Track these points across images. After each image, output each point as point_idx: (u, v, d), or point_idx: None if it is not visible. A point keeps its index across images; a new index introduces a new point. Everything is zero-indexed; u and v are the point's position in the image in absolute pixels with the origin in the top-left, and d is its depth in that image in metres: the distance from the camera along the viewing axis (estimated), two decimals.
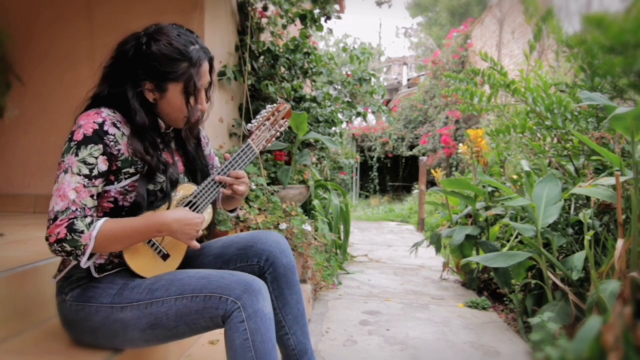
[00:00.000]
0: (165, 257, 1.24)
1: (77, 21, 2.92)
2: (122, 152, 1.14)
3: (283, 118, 1.35)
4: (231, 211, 1.50)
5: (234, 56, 3.18)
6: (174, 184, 1.23)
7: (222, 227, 2.20)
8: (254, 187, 2.55)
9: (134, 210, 1.16)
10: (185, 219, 1.15)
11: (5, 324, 1.29)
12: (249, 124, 1.33)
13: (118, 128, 1.14)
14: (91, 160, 1.09)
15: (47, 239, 1.06)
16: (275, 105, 1.36)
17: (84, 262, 1.08)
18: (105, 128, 1.11)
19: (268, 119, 1.34)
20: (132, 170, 1.16)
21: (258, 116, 1.34)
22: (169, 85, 1.18)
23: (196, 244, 1.20)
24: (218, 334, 1.71)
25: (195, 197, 1.24)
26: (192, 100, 1.20)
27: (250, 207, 2.43)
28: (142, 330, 1.13)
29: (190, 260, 1.36)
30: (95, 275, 1.17)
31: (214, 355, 1.64)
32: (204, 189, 1.25)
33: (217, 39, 2.91)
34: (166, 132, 1.29)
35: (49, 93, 2.99)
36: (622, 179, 1.64)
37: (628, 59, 1.17)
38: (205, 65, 1.22)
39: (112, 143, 1.12)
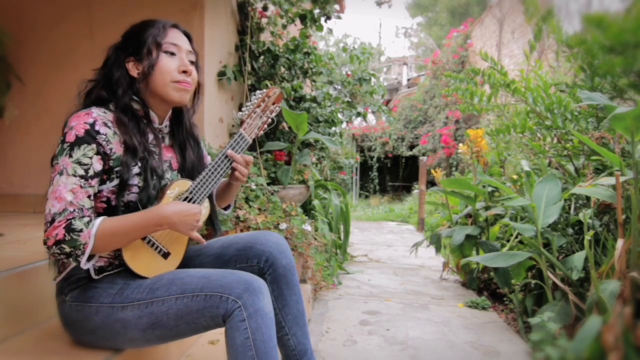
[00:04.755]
0: (166, 255, 1.24)
1: (77, 21, 2.92)
2: (114, 150, 1.14)
3: (274, 103, 1.33)
4: (225, 209, 1.50)
5: (234, 56, 3.18)
6: (153, 172, 1.21)
7: (222, 227, 2.20)
8: (254, 187, 2.55)
9: (121, 184, 1.16)
10: (184, 210, 1.15)
11: (5, 324, 1.29)
12: (239, 113, 1.31)
13: (109, 127, 1.14)
14: (86, 160, 1.09)
15: (45, 243, 1.05)
16: (264, 91, 1.34)
17: (84, 263, 1.08)
18: (97, 128, 1.11)
19: (259, 105, 1.32)
20: None
21: (248, 104, 1.32)
22: (144, 51, 1.20)
23: (198, 235, 1.19)
24: (218, 334, 1.71)
25: (190, 192, 1.23)
26: (173, 60, 1.21)
27: (250, 207, 2.43)
28: (143, 330, 1.13)
29: (190, 261, 1.36)
30: (95, 277, 1.17)
31: (214, 355, 1.64)
32: (199, 183, 1.24)
33: (217, 39, 2.91)
34: (160, 127, 1.29)
35: (49, 93, 2.99)
36: (622, 179, 1.64)
37: (628, 59, 1.17)
38: (174, 30, 1.24)
39: (104, 142, 1.12)
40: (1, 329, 1.27)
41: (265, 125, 1.33)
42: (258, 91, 1.35)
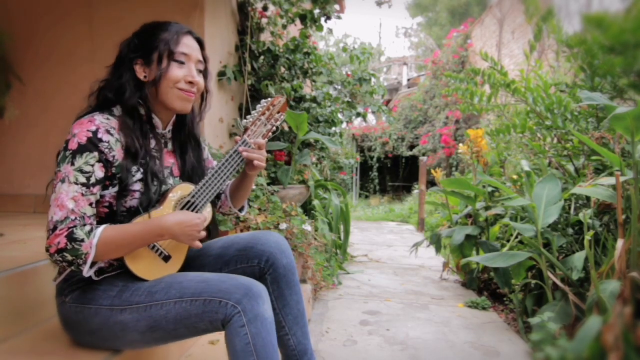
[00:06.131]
0: (166, 258, 1.24)
1: (77, 22, 2.91)
2: (116, 157, 1.13)
3: (279, 112, 1.34)
4: (240, 210, 1.49)
5: (234, 56, 3.18)
6: (154, 176, 1.21)
7: (222, 227, 2.20)
8: (253, 187, 2.55)
9: (122, 188, 1.15)
10: (186, 221, 1.15)
11: (5, 324, 1.29)
12: (244, 120, 1.32)
13: (112, 135, 1.13)
14: (87, 168, 1.09)
15: (47, 250, 1.05)
16: (270, 99, 1.34)
17: (86, 271, 1.08)
18: (99, 135, 1.11)
19: (263, 113, 1.32)
20: None
21: (253, 112, 1.32)
22: (154, 56, 1.19)
23: (198, 244, 1.20)
24: (218, 334, 1.71)
25: (193, 196, 1.23)
26: (181, 69, 1.20)
27: (250, 207, 2.43)
28: (142, 332, 1.13)
29: (191, 261, 1.36)
30: (95, 278, 1.17)
31: (214, 355, 1.64)
32: (202, 187, 1.24)
33: (217, 39, 2.91)
34: (163, 132, 1.29)
35: (49, 93, 2.99)
36: (622, 179, 1.64)
37: (628, 59, 1.17)
38: (187, 38, 1.23)
39: (106, 150, 1.11)
40: (1, 329, 1.27)
41: (270, 133, 1.34)
42: (263, 99, 1.36)
